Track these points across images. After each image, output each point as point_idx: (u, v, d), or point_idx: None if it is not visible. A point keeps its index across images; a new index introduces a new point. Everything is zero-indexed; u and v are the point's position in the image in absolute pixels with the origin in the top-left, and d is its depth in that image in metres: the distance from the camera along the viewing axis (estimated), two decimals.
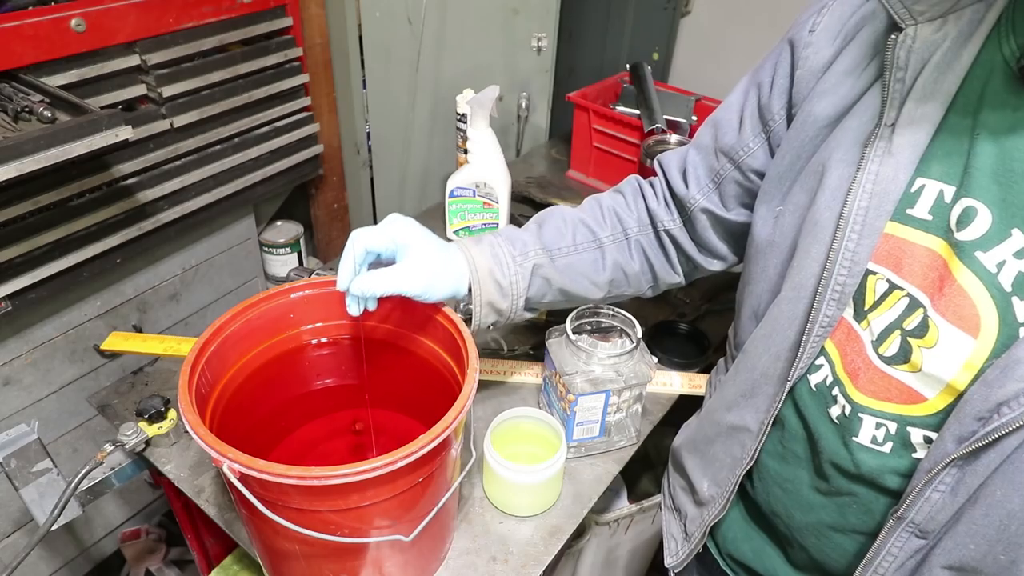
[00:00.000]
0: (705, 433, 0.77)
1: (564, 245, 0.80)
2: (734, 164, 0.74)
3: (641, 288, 0.87)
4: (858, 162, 0.57)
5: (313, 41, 1.50)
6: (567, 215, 0.83)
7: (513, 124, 1.71)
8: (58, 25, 1.01)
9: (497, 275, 0.76)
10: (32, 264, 1.07)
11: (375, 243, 0.72)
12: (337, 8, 1.50)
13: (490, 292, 0.76)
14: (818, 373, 0.63)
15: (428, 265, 0.73)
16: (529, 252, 0.78)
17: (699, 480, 0.78)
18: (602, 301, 0.86)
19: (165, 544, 1.49)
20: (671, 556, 0.84)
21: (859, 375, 0.59)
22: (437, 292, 0.74)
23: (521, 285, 0.78)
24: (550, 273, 0.79)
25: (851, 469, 0.60)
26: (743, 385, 0.70)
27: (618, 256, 0.83)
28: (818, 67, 0.63)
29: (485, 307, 0.77)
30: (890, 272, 0.57)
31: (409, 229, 0.74)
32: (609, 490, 0.98)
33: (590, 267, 0.81)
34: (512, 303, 0.78)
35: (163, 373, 1.03)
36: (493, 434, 0.85)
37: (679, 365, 1.07)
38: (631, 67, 1.58)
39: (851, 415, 0.59)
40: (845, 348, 0.60)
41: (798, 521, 0.67)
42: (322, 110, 1.58)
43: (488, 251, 0.77)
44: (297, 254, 1.61)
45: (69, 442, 1.29)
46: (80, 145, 0.90)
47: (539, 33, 1.57)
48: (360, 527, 0.63)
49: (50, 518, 0.77)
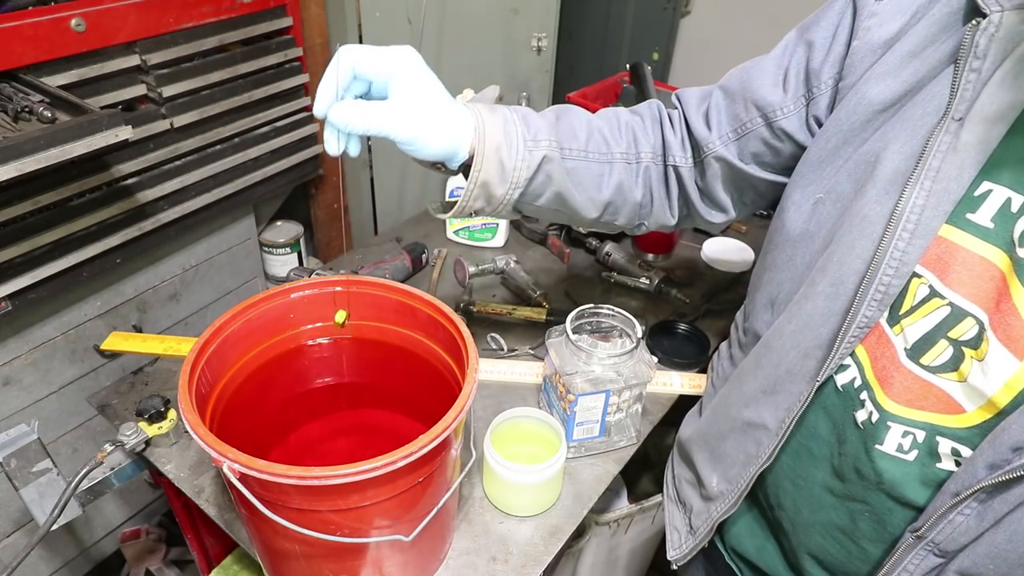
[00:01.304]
0: (717, 428, 0.73)
1: (576, 147, 0.72)
2: (765, 120, 0.68)
3: (632, 221, 0.80)
4: (918, 155, 0.52)
5: (313, 41, 1.50)
6: (584, 117, 0.74)
7: None
8: (58, 25, 1.01)
9: (503, 154, 0.67)
10: (32, 264, 1.07)
11: (366, 65, 0.61)
12: (337, 8, 1.50)
13: (491, 171, 0.67)
14: (845, 373, 0.60)
15: (425, 109, 0.63)
16: (541, 140, 0.69)
17: (708, 475, 0.74)
18: (591, 224, 0.78)
19: (165, 544, 1.49)
20: (674, 549, 0.81)
21: (891, 381, 0.56)
22: (428, 146, 0.64)
23: (524, 174, 0.68)
24: (555, 171, 0.70)
25: (871, 476, 0.58)
26: (764, 381, 0.66)
27: (624, 178, 0.75)
28: (879, 42, 0.58)
29: (479, 188, 0.68)
30: (935, 278, 0.53)
31: (410, 59, 0.62)
32: (609, 490, 0.98)
33: (594, 180, 0.73)
34: (508, 192, 0.69)
35: (163, 373, 1.03)
36: (493, 434, 0.85)
37: (679, 365, 1.07)
38: (631, 67, 1.58)
39: (878, 422, 0.57)
40: (876, 352, 0.57)
41: (805, 518, 0.65)
42: None
43: (500, 125, 0.67)
44: (297, 254, 1.61)
45: (69, 442, 1.29)
46: (80, 145, 0.90)
47: (539, 33, 1.57)
48: (360, 527, 0.63)
49: (50, 518, 0.77)
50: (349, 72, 0.61)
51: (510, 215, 0.74)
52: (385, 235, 1.41)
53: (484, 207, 0.71)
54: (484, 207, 0.71)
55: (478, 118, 0.66)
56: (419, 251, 1.26)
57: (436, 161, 0.68)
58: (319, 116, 0.62)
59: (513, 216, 0.75)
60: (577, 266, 1.32)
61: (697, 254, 1.36)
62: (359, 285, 0.80)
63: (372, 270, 1.19)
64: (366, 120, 0.61)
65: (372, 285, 0.80)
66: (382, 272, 1.18)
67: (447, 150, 0.65)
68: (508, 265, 1.25)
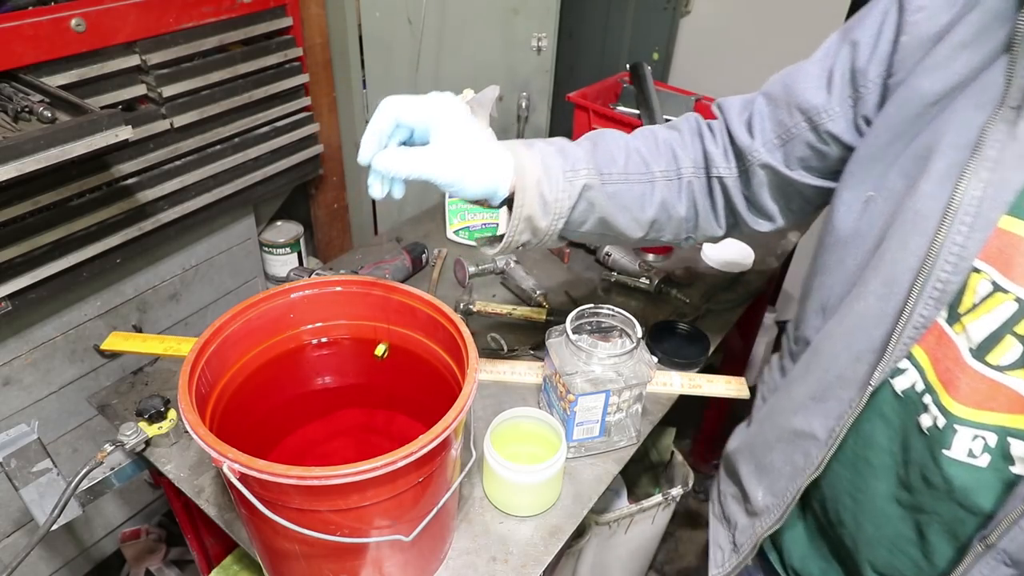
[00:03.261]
0: (764, 438, 0.71)
1: (615, 171, 0.72)
2: (810, 124, 0.67)
3: (679, 236, 0.80)
4: (973, 146, 0.51)
5: (313, 41, 1.50)
6: (621, 140, 0.75)
7: (513, 124, 1.71)
8: (58, 25, 1.01)
9: (544, 188, 0.68)
10: (32, 264, 1.07)
11: (408, 114, 0.64)
12: (337, 8, 1.50)
13: (533, 206, 0.68)
14: (903, 377, 0.57)
15: (465, 153, 0.65)
16: (580, 169, 0.70)
17: (753, 489, 0.72)
18: (637, 243, 0.79)
19: (165, 544, 1.49)
20: (716, 567, 0.79)
21: (957, 383, 0.53)
22: (471, 187, 0.66)
23: (566, 204, 0.70)
24: (597, 198, 0.71)
25: (940, 485, 0.55)
26: (813, 387, 0.63)
27: (667, 195, 0.75)
28: (929, 35, 0.56)
29: (523, 222, 0.69)
30: (997, 272, 0.51)
31: (449, 107, 0.65)
32: (609, 490, 0.98)
33: (636, 201, 0.74)
34: (551, 223, 0.70)
35: (163, 373, 1.03)
36: (493, 434, 0.85)
37: (679, 365, 1.07)
38: (631, 67, 1.58)
39: (944, 427, 0.54)
40: (936, 354, 0.54)
41: (869, 534, 0.62)
42: (322, 110, 1.58)
43: (539, 159, 0.69)
44: (297, 254, 1.61)
45: (69, 442, 1.29)
46: (80, 145, 0.90)
47: (539, 33, 1.57)
48: (360, 527, 0.63)
49: (50, 518, 0.77)
50: (392, 121, 0.64)
51: (556, 244, 0.75)
52: (385, 235, 1.41)
53: (530, 239, 0.72)
54: (530, 239, 0.72)
55: (516, 157, 0.68)
56: (419, 251, 1.26)
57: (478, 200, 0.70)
58: (363, 164, 0.65)
59: (559, 244, 0.76)
60: (577, 266, 1.32)
61: (697, 254, 1.36)
62: (359, 285, 0.80)
63: (372, 270, 1.19)
64: (409, 166, 0.64)
65: (372, 285, 0.80)
66: (382, 272, 1.18)
67: (487, 189, 0.67)
68: (508, 265, 1.25)
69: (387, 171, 0.64)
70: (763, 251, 1.37)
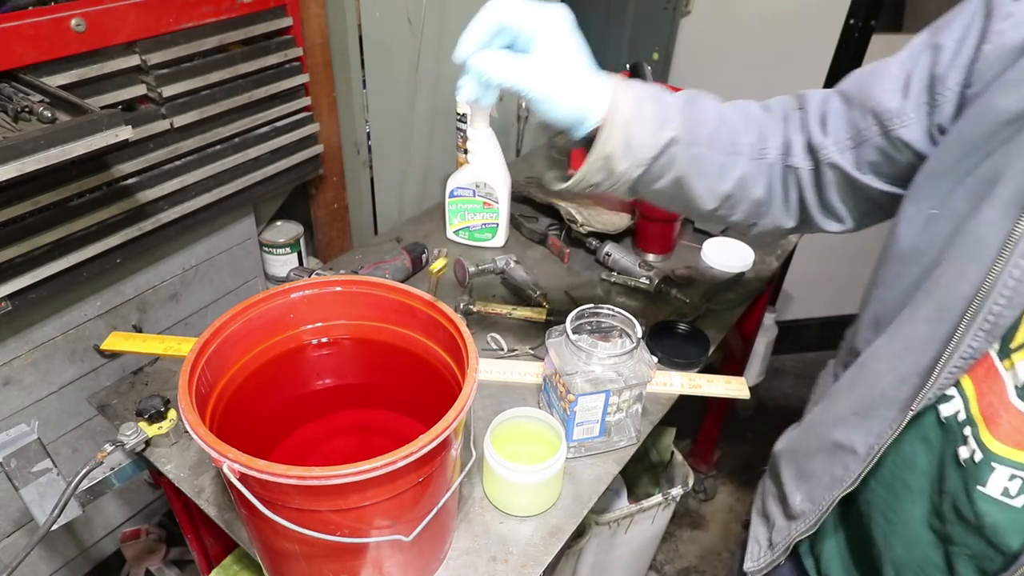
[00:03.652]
0: (807, 445, 0.71)
1: (704, 132, 0.70)
2: (882, 129, 0.64)
3: (749, 219, 0.77)
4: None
5: (313, 41, 1.50)
6: (715, 105, 0.73)
7: (513, 124, 1.71)
8: (58, 25, 1.01)
9: (631, 129, 0.65)
10: (32, 264, 1.07)
11: (515, 19, 0.62)
12: (337, 8, 1.50)
13: (616, 145, 0.65)
14: (948, 405, 0.55)
15: (564, 70, 0.63)
16: (671, 121, 0.67)
17: (792, 492, 0.72)
18: (706, 216, 0.76)
19: (165, 544, 1.49)
20: (752, 560, 0.79)
21: (999, 420, 0.52)
22: (562, 108, 0.63)
23: (649, 152, 0.67)
24: (679, 154, 0.68)
25: (971, 519, 0.54)
26: (857, 403, 0.63)
27: (748, 172, 0.72)
28: (1013, 48, 0.53)
29: (602, 160, 0.67)
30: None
31: (561, 20, 0.62)
32: (609, 490, 0.98)
33: (716, 170, 0.71)
34: (629, 169, 0.67)
35: (163, 373, 1.03)
36: (493, 434, 0.85)
37: (679, 365, 1.07)
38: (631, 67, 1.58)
39: (981, 462, 0.52)
40: (983, 387, 0.53)
41: (898, 556, 0.62)
42: (322, 110, 1.58)
43: (633, 99, 0.66)
44: (297, 254, 1.61)
45: (69, 442, 1.29)
46: (80, 145, 0.90)
47: None
48: (360, 527, 0.63)
49: (50, 518, 0.77)
50: (497, 22, 0.61)
51: (626, 194, 0.73)
52: (385, 235, 1.41)
53: (603, 181, 0.69)
54: (603, 181, 0.69)
55: (614, 91, 0.65)
56: (419, 251, 1.26)
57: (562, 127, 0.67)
58: (458, 61, 0.62)
59: (628, 196, 0.74)
60: (577, 266, 1.32)
61: (697, 254, 1.36)
62: (359, 285, 0.81)
63: (372, 270, 1.19)
64: (506, 71, 0.61)
65: (372, 285, 0.80)
66: (382, 272, 1.18)
67: (576, 114, 0.65)
68: (508, 265, 1.25)
69: (482, 72, 0.62)
70: (763, 251, 1.37)
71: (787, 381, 2.42)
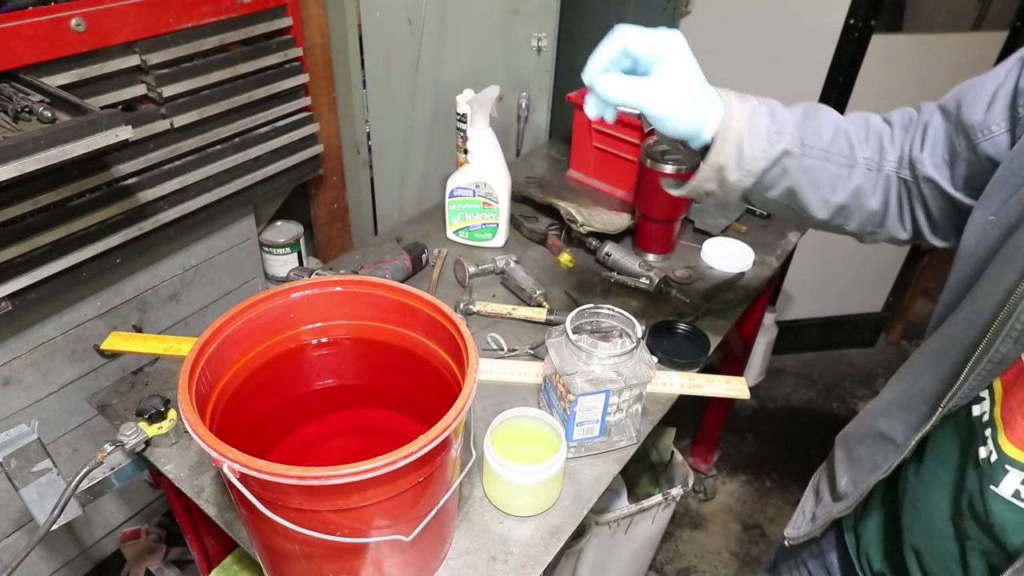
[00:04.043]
0: (856, 431, 0.76)
1: (819, 146, 0.72)
2: (969, 144, 0.65)
3: (864, 228, 0.78)
4: None
5: (313, 41, 1.50)
6: (833, 118, 0.75)
7: (513, 124, 1.71)
8: (58, 25, 1.01)
9: (744, 142, 0.70)
10: (32, 264, 1.07)
11: (637, 44, 0.67)
12: (337, 8, 1.50)
13: (728, 155, 0.70)
14: (980, 405, 0.57)
15: (681, 90, 0.67)
16: (785, 135, 0.71)
17: (841, 475, 0.76)
18: (820, 225, 0.78)
19: (165, 544, 1.49)
20: (794, 528, 0.84)
21: (1015, 425, 0.53)
22: (677, 124, 0.68)
23: (760, 164, 0.71)
24: (792, 166, 0.72)
25: (983, 517, 0.56)
26: (900, 396, 0.67)
27: (863, 184, 0.74)
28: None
29: (714, 171, 0.71)
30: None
31: (677, 42, 0.68)
32: (609, 490, 0.98)
33: (830, 181, 0.73)
34: (740, 179, 0.71)
35: (163, 373, 1.03)
36: (493, 434, 0.85)
37: (679, 365, 1.07)
38: None
39: (995, 463, 0.54)
40: (1010, 391, 0.54)
41: (920, 543, 0.65)
42: (322, 110, 1.58)
43: (747, 113, 0.70)
44: (297, 254, 1.61)
45: (69, 442, 1.29)
46: (80, 145, 0.90)
47: (539, 33, 1.57)
48: (360, 527, 0.63)
49: (50, 518, 0.77)
50: (621, 48, 0.66)
51: (738, 202, 0.75)
52: (385, 235, 1.41)
53: (715, 190, 0.73)
54: (715, 190, 0.73)
55: (727, 104, 0.70)
56: (419, 251, 1.26)
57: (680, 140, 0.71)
58: (587, 82, 0.68)
59: (741, 204, 0.76)
60: (577, 266, 1.32)
61: (697, 254, 1.36)
62: (359, 285, 0.80)
63: (372, 270, 1.19)
64: (627, 92, 0.66)
65: (372, 285, 0.80)
66: (382, 272, 1.18)
67: (692, 129, 0.69)
68: (508, 265, 1.25)
69: (606, 93, 0.67)
70: (763, 251, 1.37)
71: (787, 381, 2.42)
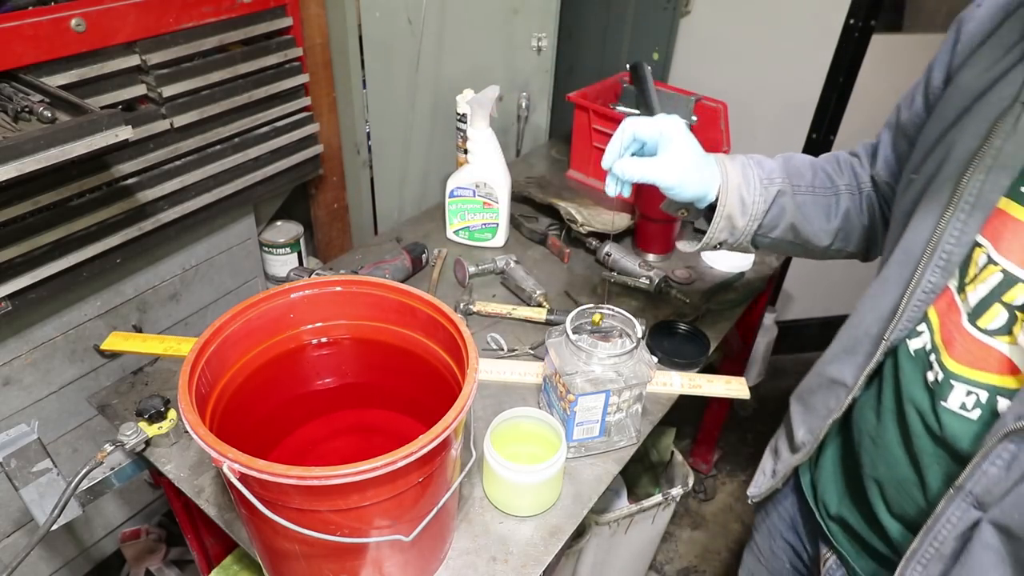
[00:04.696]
0: (810, 384, 0.82)
1: (804, 184, 0.85)
2: (908, 140, 0.76)
3: (864, 246, 0.89)
4: (984, 136, 0.58)
5: (313, 41, 1.50)
6: (808, 160, 0.88)
7: (513, 124, 1.71)
8: (58, 25, 1.01)
9: (743, 191, 0.82)
10: (32, 264, 1.07)
11: (644, 131, 0.80)
12: (337, 8, 1.50)
13: (733, 205, 0.82)
14: (918, 339, 0.65)
15: (685, 162, 0.79)
16: (776, 179, 0.83)
17: (798, 427, 0.82)
18: (826, 251, 0.88)
19: (165, 544, 1.49)
20: (755, 487, 0.91)
21: (954, 344, 0.61)
22: (687, 190, 0.80)
23: (761, 207, 0.82)
24: (788, 204, 0.83)
25: (936, 430, 0.62)
26: (847, 341, 0.74)
27: (850, 206, 0.86)
28: (977, 39, 0.65)
29: (724, 220, 0.83)
30: (991, 246, 0.59)
31: (676, 125, 0.81)
32: (609, 490, 0.98)
33: (823, 211, 0.85)
34: (748, 223, 0.83)
35: (163, 373, 1.03)
36: (493, 434, 0.85)
37: (679, 365, 1.07)
38: (631, 67, 1.58)
39: (943, 381, 0.61)
40: (945, 318, 0.62)
41: (882, 474, 0.70)
42: (322, 110, 1.58)
43: (739, 168, 0.83)
44: (297, 254, 1.61)
45: (69, 442, 1.29)
46: (80, 145, 0.90)
47: (539, 33, 1.57)
48: (360, 527, 0.63)
49: (50, 518, 0.77)
50: (631, 135, 0.80)
51: (749, 248, 0.89)
52: (385, 235, 1.41)
53: (728, 238, 0.85)
54: (728, 238, 0.85)
55: (721, 165, 0.82)
56: (419, 251, 1.26)
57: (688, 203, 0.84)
58: (606, 168, 0.81)
59: (751, 250, 0.89)
60: (577, 266, 1.32)
61: (697, 254, 1.36)
62: (359, 285, 0.80)
63: (372, 270, 1.19)
64: (642, 171, 0.79)
65: (372, 285, 0.80)
66: (382, 272, 1.18)
67: (700, 192, 0.81)
68: (508, 265, 1.25)
69: (623, 174, 0.79)
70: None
71: (787, 381, 2.42)
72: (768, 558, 0.97)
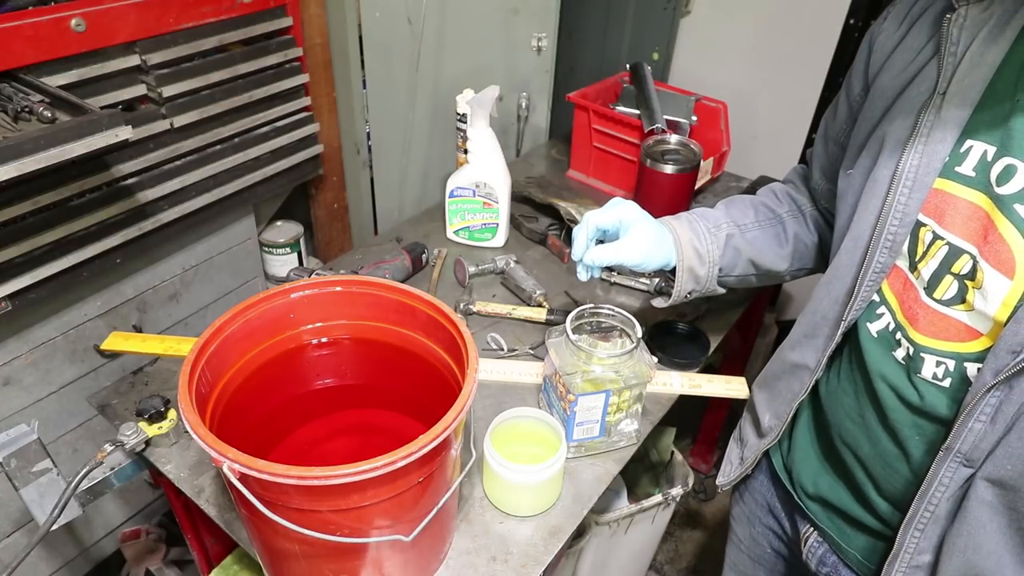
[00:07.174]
0: (773, 371, 0.86)
1: (748, 222, 0.94)
2: (839, 146, 0.83)
3: (819, 261, 0.97)
4: (912, 126, 0.64)
5: (313, 41, 1.50)
6: (747, 199, 0.97)
7: (513, 124, 1.71)
8: (58, 25, 1.01)
9: (696, 244, 0.91)
10: (32, 264, 1.07)
11: (604, 222, 0.89)
12: (337, 8, 1.50)
13: (691, 258, 0.91)
14: (879, 321, 0.69)
15: (646, 240, 0.88)
16: (722, 224, 0.93)
17: (763, 413, 0.86)
18: (788, 274, 0.97)
19: (165, 544, 1.49)
20: (723, 476, 0.95)
21: (918, 318, 0.65)
22: (652, 263, 0.89)
23: (716, 253, 0.92)
24: (740, 244, 0.92)
25: (915, 401, 0.66)
26: (806, 327, 0.78)
27: (797, 229, 0.94)
28: (889, 47, 0.72)
29: (686, 272, 0.91)
30: (935, 223, 0.63)
31: (632, 210, 0.90)
32: (609, 490, 0.98)
33: (773, 240, 0.94)
34: (708, 270, 0.92)
35: (163, 373, 1.03)
36: (493, 434, 0.85)
37: (679, 365, 1.07)
38: (631, 67, 1.58)
39: (914, 355, 0.65)
40: (903, 297, 0.67)
41: (866, 452, 0.72)
42: (322, 110, 1.58)
43: (687, 225, 0.92)
44: (297, 254, 1.61)
45: (69, 442, 1.29)
46: (80, 145, 0.90)
47: (539, 33, 1.57)
48: (360, 527, 0.63)
49: (50, 518, 0.77)
50: (595, 227, 0.89)
51: (716, 290, 0.96)
52: (385, 235, 1.41)
53: (695, 287, 0.94)
54: (695, 287, 0.94)
55: (672, 229, 0.91)
56: (419, 251, 1.26)
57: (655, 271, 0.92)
58: (574, 259, 0.90)
59: (719, 291, 0.97)
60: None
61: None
62: (359, 285, 0.80)
63: (372, 270, 1.19)
64: (609, 256, 0.88)
65: (372, 285, 0.80)
66: (382, 272, 1.18)
67: (664, 261, 0.91)
68: (508, 265, 1.25)
69: (593, 262, 0.88)
70: None
71: None
72: (749, 546, 1.00)
